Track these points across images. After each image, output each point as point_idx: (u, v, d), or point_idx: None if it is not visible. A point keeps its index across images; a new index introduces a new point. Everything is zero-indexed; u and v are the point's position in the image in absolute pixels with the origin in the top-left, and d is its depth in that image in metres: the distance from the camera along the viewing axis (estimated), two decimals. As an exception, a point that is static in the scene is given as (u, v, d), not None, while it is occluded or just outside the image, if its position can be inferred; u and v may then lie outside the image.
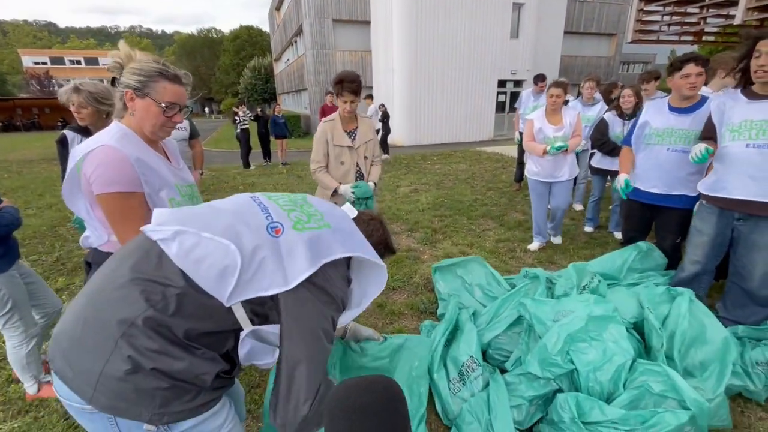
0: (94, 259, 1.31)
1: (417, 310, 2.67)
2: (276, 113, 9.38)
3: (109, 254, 1.25)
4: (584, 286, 2.14)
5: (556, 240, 3.83)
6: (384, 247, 1.13)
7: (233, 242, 0.80)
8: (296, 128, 19.10)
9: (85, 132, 2.12)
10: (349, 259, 0.98)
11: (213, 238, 0.80)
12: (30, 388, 1.93)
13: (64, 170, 2.09)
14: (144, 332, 0.76)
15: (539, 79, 5.33)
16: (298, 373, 0.82)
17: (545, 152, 3.22)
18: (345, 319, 0.98)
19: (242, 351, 0.87)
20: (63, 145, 2.17)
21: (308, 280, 0.83)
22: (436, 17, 12.78)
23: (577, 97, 4.72)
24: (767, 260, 1.97)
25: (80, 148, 1.18)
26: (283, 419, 0.82)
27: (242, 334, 0.85)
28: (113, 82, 1.23)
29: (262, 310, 0.85)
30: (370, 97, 9.79)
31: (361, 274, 1.02)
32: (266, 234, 0.84)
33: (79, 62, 45.98)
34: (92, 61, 46.12)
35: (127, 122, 1.25)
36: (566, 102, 4.11)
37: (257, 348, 0.89)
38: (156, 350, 0.76)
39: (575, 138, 3.30)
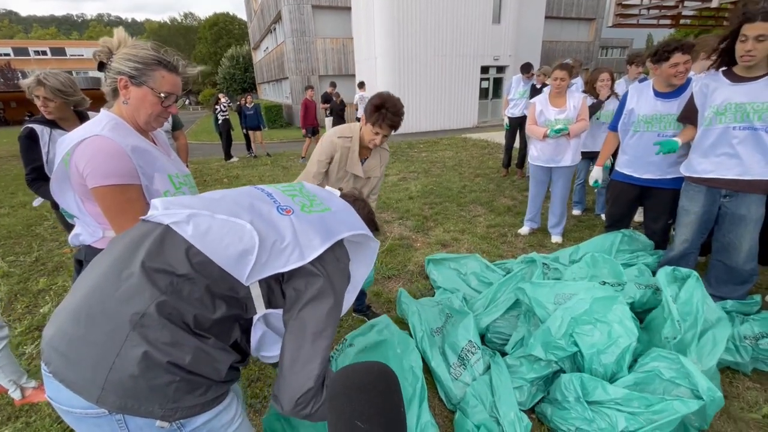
0: (87, 257, 1.25)
1: (413, 297, 2.67)
2: (246, 104, 9.13)
3: None
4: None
5: (556, 238, 3.56)
6: (371, 224, 1.14)
7: (249, 222, 0.81)
8: (278, 118, 18.72)
9: (52, 125, 2.00)
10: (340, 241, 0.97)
11: (228, 219, 0.81)
12: (13, 393, 1.85)
13: (31, 165, 1.98)
14: (157, 321, 0.73)
15: (525, 69, 5.30)
16: (306, 344, 0.83)
17: (545, 135, 3.19)
18: (346, 302, 0.97)
19: (254, 338, 0.87)
20: (32, 139, 2.01)
21: (319, 258, 0.84)
22: (417, 2, 12.61)
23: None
24: (753, 235, 2.03)
25: (66, 140, 1.11)
26: (290, 392, 0.82)
27: (256, 317, 0.85)
28: (100, 66, 1.15)
29: (272, 294, 0.86)
30: (362, 84, 9.61)
31: (352, 254, 1.02)
32: (278, 214, 0.86)
33: (44, 53, 43.58)
34: (59, 52, 43.78)
35: (118, 111, 1.18)
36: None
37: (267, 336, 0.89)
38: (169, 342, 0.73)
39: (581, 122, 3.17)
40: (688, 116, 2.19)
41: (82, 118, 2.05)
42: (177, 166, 1.33)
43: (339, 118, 9.03)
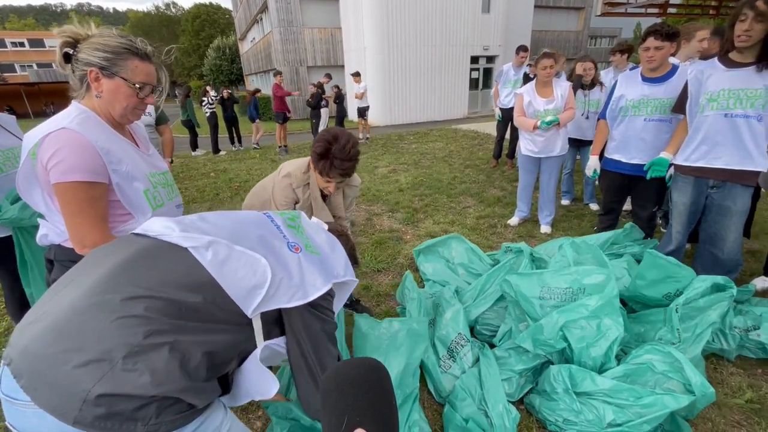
0: (58, 257, 1.19)
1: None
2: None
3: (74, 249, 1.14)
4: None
5: (545, 228, 3.53)
6: (352, 258, 1.21)
7: (263, 257, 0.84)
8: (266, 110, 18.43)
9: None
10: None
11: (245, 251, 0.83)
12: None
13: None
14: (149, 354, 0.69)
15: (522, 49, 5.17)
16: (311, 357, 0.92)
17: (536, 127, 3.15)
18: None
19: (250, 374, 0.90)
20: None
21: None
22: (406, -9, 12.43)
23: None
24: (738, 226, 2.05)
25: (33, 134, 1.05)
26: (308, 395, 0.93)
27: (259, 348, 0.88)
28: (66, 57, 1.08)
29: (269, 325, 0.90)
30: (357, 74, 9.40)
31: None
32: (288, 251, 0.91)
33: (22, 44, 42.12)
34: (37, 43, 42.34)
35: (90, 104, 1.11)
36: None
37: (258, 375, 0.90)
38: (161, 380, 0.70)
39: (568, 111, 3.15)
40: (681, 105, 2.19)
41: None
42: (154, 162, 1.27)
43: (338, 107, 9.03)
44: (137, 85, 1.10)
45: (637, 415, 1.33)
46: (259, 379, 0.89)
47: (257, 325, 0.85)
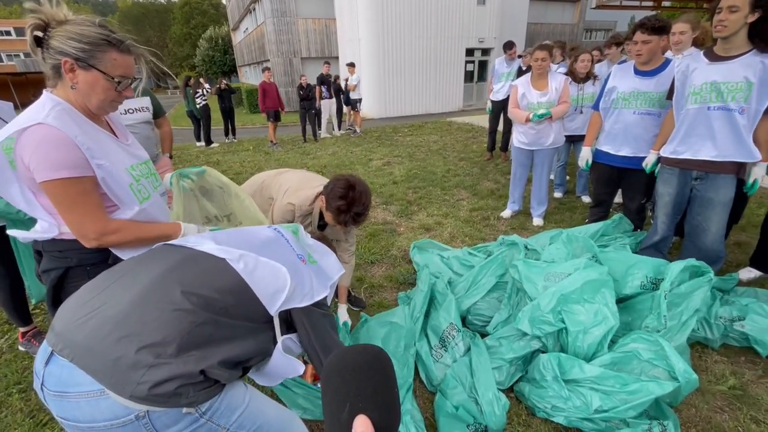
0: (46, 248, 1.17)
1: (396, 282, 2.68)
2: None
3: (66, 241, 1.13)
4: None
5: (538, 221, 3.56)
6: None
7: (284, 265, 1.01)
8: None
9: None
10: None
11: (269, 261, 0.99)
12: None
13: None
14: (189, 347, 0.82)
15: (508, 46, 5.25)
16: (315, 343, 1.07)
17: (528, 120, 3.16)
18: None
19: (276, 362, 1.03)
20: None
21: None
22: (401, -18, 12.28)
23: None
24: (721, 217, 2.09)
25: (6, 128, 1.01)
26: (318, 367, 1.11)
27: (280, 342, 1.01)
28: (37, 41, 1.02)
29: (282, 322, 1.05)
30: (352, 65, 9.28)
31: None
32: (298, 261, 1.08)
33: (8, 33, 41.09)
34: (24, 32, 41.39)
35: (64, 95, 1.07)
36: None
37: (285, 361, 1.05)
38: (195, 370, 0.81)
39: (562, 105, 3.14)
40: (671, 95, 2.22)
41: None
42: (134, 152, 1.25)
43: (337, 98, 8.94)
44: (116, 79, 1.07)
45: (622, 401, 1.36)
46: (287, 365, 1.04)
47: (277, 322, 1.00)
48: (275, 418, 1.01)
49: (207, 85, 8.73)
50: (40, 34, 1.02)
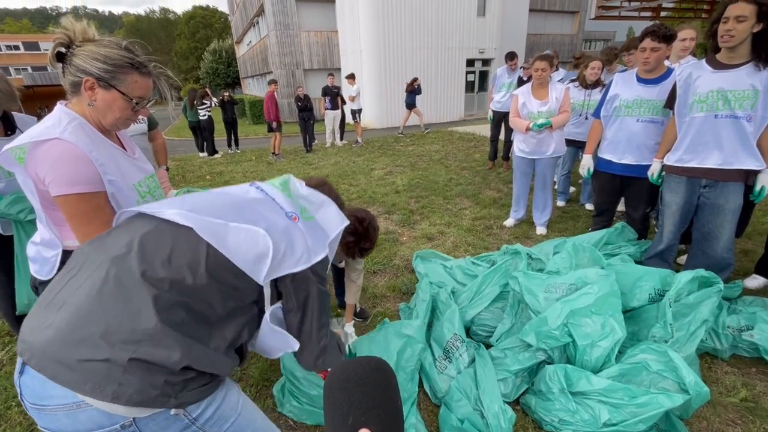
0: (40, 290, 1.19)
1: (399, 291, 2.65)
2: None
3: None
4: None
5: (541, 230, 3.53)
6: (340, 205, 1.28)
7: (263, 228, 0.88)
8: (263, 113, 18.42)
9: None
10: None
11: (241, 226, 0.87)
12: None
13: None
14: (165, 336, 0.74)
15: (509, 57, 5.32)
16: (314, 319, 0.99)
17: (528, 129, 3.16)
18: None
19: (266, 336, 0.96)
20: None
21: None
22: (402, -6, 12.48)
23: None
24: (731, 225, 2.07)
25: (20, 138, 1.02)
26: (314, 353, 1.02)
27: (267, 313, 0.93)
28: (59, 57, 1.05)
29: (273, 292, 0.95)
30: (351, 76, 9.43)
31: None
32: (287, 221, 0.94)
33: (17, 47, 41.90)
34: (32, 46, 42.10)
35: (80, 109, 1.09)
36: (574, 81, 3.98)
37: (276, 335, 0.98)
38: (177, 359, 0.74)
39: (562, 114, 3.14)
40: (671, 101, 2.22)
41: (6, 121, 1.81)
42: (141, 166, 1.27)
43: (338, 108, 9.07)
44: (134, 100, 1.10)
45: (632, 414, 1.33)
46: (279, 339, 0.98)
47: (267, 292, 0.91)
48: (262, 429, 0.97)
49: (214, 99, 8.85)
50: (63, 50, 1.04)
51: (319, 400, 1.51)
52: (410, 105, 10.22)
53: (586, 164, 2.85)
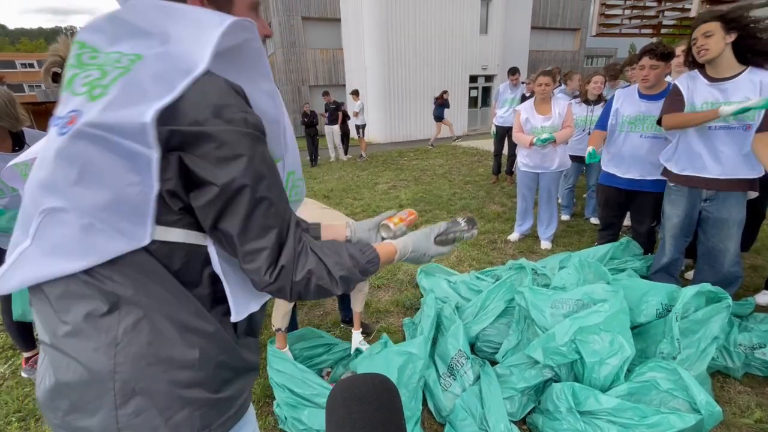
0: None
1: (402, 306, 2.63)
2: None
3: None
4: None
5: (546, 244, 3.52)
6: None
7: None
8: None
9: None
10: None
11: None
12: None
13: None
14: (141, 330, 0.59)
15: (512, 72, 5.40)
16: (240, 200, 0.59)
17: (532, 144, 3.17)
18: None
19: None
20: None
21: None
22: (406, 13, 12.77)
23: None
24: (737, 237, 2.04)
25: (25, 154, 1.02)
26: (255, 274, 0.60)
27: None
28: (54, 77, 1.04)
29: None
30: (355, 93, 9.64)
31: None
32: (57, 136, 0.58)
33: (32, 65, 43.19)
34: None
35: None
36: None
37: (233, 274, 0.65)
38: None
39: (566, 129, 3.15)
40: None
41: (18, 138, 1.84)
42: None
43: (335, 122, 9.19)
44: None
45: (642, 434, 1.29)
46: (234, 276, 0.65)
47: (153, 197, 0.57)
48: None
49: None
50: (58, 70, 1.05)
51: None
52: (438, 118, 10.47)
53: (590, 148, 2.62)
